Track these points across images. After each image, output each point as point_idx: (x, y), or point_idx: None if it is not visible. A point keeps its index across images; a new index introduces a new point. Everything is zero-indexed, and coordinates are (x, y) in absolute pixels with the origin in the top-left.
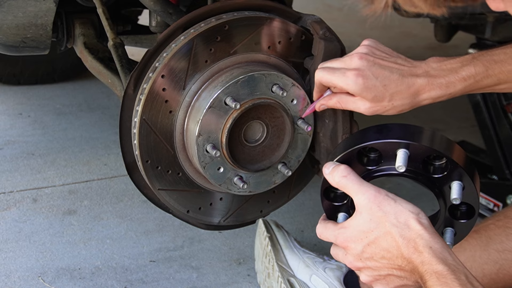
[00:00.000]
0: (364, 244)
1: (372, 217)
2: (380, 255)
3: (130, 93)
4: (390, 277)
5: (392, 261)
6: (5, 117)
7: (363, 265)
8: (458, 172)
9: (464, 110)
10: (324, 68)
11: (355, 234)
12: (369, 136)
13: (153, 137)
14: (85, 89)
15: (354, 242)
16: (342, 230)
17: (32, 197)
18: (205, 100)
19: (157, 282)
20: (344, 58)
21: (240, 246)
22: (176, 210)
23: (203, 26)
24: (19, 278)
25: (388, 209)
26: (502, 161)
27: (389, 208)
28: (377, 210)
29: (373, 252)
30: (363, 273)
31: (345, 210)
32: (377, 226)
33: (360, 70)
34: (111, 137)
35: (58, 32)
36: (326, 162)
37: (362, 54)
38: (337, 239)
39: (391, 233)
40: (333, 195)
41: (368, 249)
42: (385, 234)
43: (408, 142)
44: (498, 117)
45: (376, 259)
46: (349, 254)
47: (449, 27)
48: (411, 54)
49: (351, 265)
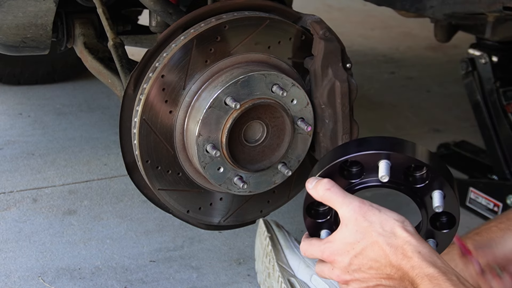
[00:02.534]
0: (351, 256)
1: (358, 228)
2: (368, 265)
3: (130, 93)
4: (378, 287)
5: (380, 271)
6: (5, 117)
7: (351, 278)
8: (438, 182)
9: (464, 110)
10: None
11: (342, 246)
12: (350, 150)
13: (153, 137)
14: (85, 89)
15: (341, 255)
16: (328, 244)
17: (32, 197)
18: (205, 100)
19: (157, 282)
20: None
21: (240, 246)
22: (176, 210)
23: (203, 26)
24: (19, 278)
25: (373, 219)
26: (502, 161)
27: (374, 218)
28: (362, 221)
29: (360, 263)
30: (351, 286)
31: (327, 227)
32: (364, 237)
33: None
34: (111, 137)
35: (58, 32)
36: (308, 178)
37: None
38: (323, 254)
39: (378, 242)
40: (315, 212)
41: (355, 261)
42: (372, 244)
43: (389, 153)
44: (498, 117)
45: (364, 270)
46: (336, 268)
47: (449, 27)
48: (411, 54)
49: (339, 278)
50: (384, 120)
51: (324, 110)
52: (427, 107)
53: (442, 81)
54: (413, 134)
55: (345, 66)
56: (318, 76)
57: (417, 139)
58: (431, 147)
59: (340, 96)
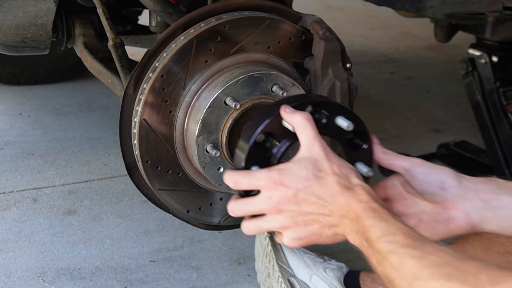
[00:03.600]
0: (300, 187)
1: (316, 164)
2: (312, 200)
3: (130, 93)
4: (312, 223)
5: (323, 208)
6: (5, 117)
7: (289, 208)
8: (335, 110)
9: (464, 110)
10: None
11: (293, 176)
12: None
13: (153, 137)
14: (85, 89)
15: (289, 183)
16: (278, 171)
17: (32, 197)
18: (205, 100)
19: (157, 282)
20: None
21: (240, 246)
22: (176, 210)
23: (203, 26)
24: (19, 278)
25: (334, 160)
26: (502, 161)
27: (335, 160)
28: (323, 159)
29: (306, 196)
30: (283, 215)
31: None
32: (319, 173)
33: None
34: (111, 137)
35: (58, 32)
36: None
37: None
38: (269, 180)
39: (331, 181)
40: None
41: (301, 193)
42: (325, 181)
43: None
44: (498, 117)
45: (307, 203)
46: (276, 196)
47: (449, 27)
48: (411, 54)
49: (273, 206)
50: (384, 120)
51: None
52: (427, 107)
53: (442, 81)
54: (413, 134)
55: (345, 66)
56: (318, 76)
57: (417, 139)
58: (431, 147)
59: (340, 96)
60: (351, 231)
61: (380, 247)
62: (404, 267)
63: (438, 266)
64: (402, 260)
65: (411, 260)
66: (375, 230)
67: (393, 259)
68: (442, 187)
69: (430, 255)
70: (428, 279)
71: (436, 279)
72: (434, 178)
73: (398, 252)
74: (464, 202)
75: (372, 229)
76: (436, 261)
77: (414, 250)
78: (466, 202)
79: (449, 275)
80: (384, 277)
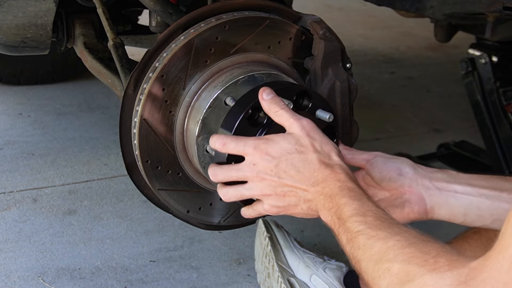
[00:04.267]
0: (282, 158)
1: (298, 139)
2: (292, 173)
3: (130, 93)
4: (290, 195)
5: (301, 182)
6: (5, 117)
7: (270, 178)
8: (316, 100)
9: (464, 110)
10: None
11: (277, 147)
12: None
13: (153, 137)
14: (85, 89)
15: (272, 153)
16: (264, 140)
17: (32, 197)
18: (205, 100)
19: (157, 282)
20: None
21: (240, 246)
22: (176, 210)
23: (203, 26)
24: (19, 278)
25: (316, 137)
26: (502, 161)
27: (317, 136)
28: (305, 136)
29: (287, 167)
30: (263, 183)
31: None
32: (301, 148)
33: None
34: (111, 137)
35: (58, 32)
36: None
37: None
38: (255, 146)
39: (312, 157)
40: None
41: (282, 164)
42: (306, 156)
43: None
44: (498, 117)
45: (287, 175)
46: (260, 164)
47: (449, 27)
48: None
49: (256, 173)
50: (384, 120)
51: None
52: (427, 107)
53: (442, 81)
54: (413, 134)
55: (345, 66)
56: (318, 76)
57: (417, 139)
58: (431, 147)
59: (340, 96)
60: (324, 208)
61: (350, 226)
62: (371, 249)
63: (402, 247)
64: (369, 242)
65: (377, 242)
66: (348, 209)
67: (361, 240)
68: (399, 173)
69: (396, 236)
70: (392, 261)
71: (399, 261)
72: (392, 165)
73: (366, 234)
74: (419, 187)
75: (345, 207)
76: (401, 242)
77: (381, 231)
78: (421, 187)
79: (411, 256)
80: (352, 257)
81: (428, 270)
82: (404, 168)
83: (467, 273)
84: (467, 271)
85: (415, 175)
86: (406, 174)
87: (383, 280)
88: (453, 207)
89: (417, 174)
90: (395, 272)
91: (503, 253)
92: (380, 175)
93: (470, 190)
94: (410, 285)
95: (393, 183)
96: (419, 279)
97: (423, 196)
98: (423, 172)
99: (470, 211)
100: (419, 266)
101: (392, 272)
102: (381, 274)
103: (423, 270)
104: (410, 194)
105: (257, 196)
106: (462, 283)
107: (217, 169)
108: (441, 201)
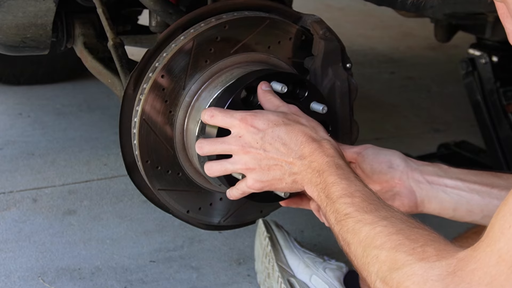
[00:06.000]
0: (269, 129)
1: (285, 115)
2: (278, 144)
3: (130, 93)
4: (275, 168)
5: (286, 155)
6: (5, 117)
7: (254, 148)
8: (311, 92)
9: (464, 110)
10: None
11: (263, 118)
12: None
13: (153, 137)
14: (85, 89)
15: (258, 124)
16: (252, 112)
17: (32, 197)
18: (205, 100)
19: (157, 282)
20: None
21: (240, 246)
22: (176, 210)
23: (203, 26)
24: (19, 278)
25: (302, 115)
26: (502, 161)
27: (303, 115)
28: (291, 114)
29: (272, 139)
30: (249, 156)
31: None
32: (288, 121)
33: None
34: (111, 137)
35: (58, 32)
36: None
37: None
38: (242, 117)
39: (300, 130)
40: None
41: (268, 135)
42: (293, 128)
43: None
44: (498, 117)
45: (272, 147)
46: (246, 135)
47: (449, 27)
48: (411, 54)
49: (241, 146)
50: (384, 120)
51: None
52: (427, 107)
53: (442, 81)
54: (413, 134)
55: (345, 66)
56: (318, 76)
57: (417, 139)
58: (431, 147)
59: (340, 96)
60: (311, 183)
61: (339, 208)
62: (359, 234)
63: (389, 234)
64: (357, 226)
65: (364, 227)
66: (336, 188)
67: (350, 224)
68: (390, 166)
69: (383, 221)
70: (379, 248)
71: (387, 248)
72: (383, 157)
73: (354, 217)
74: (409, 180)
75: (334, 186)
76: (388, 228)
77: (368, 215)
78: (411, 181)
79: (399, 244)
80: (341, 238)
81: (417, 259)
82: (395, 160)
83: (456, 263)
84: (456, 262)
85: (406, 168)
86: (397, 167)
87: (372, 266)
88: (443, 201)
89: (407, 167)
90: (383, 259)
91: (491, 247)
92: (371, 168)
93: (461, 185)
94: (399, 273)
95: (384, 175)
96: (407, 267)
97: (413, 190)
98: (414, 165)
99: (460, 206)
100: (407, 255)
101: (380, 259)
102: (369, 260)
103: (412, 259)
104: (401, 187)
105: (240, 170)
106: (450, 274)
107: (203, 142)
108: (431, 195)
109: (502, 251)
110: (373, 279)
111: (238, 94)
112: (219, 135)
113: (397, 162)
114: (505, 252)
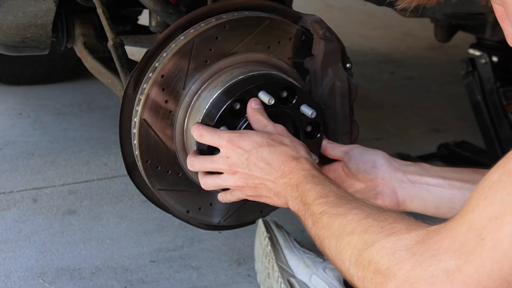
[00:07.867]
0: (253, 151)
1: (269, 136)
2: (262, 164)
3: (130, 93)
4: (260, 187)
5: (269, 174)
6: (5, 117)
7: (241, 170)
8: (301, 96)
9: (464, 110)
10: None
11: (249, 140)
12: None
13: (153, 137)
14: (85, 89)
15: (244, 146)
16: (238, 134)
17: (32, 197)
18: (205, 100)
19: (157, 282)
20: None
21: (240, 246)
22: (176, 210)
23: (203, 26)
24: (19, 278)
25: (286, 136)
26: None
27: (288, 136)
28: (276, 134)
29: (257, 160)
30: (237, 176)
31: None
32: (271, 142)
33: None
34: (111, 137)
35: (58, 32)
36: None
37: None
38: (229, 139)
39: (282, 150)
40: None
41: (253, 157)
42: (275, 149)
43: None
44: (498, 117)
45: (257, 167)
46: (233, 157)
47: (449, 27)
48: (411, 54)
49: (228, 166)
50: (384, 120)
51: (324, 110)
52: (427, 107)
53: (442, 81)
54: (413, 134)
55: (345, 66)
56: (318, 76)
57: (417, 139)
58: (431, 147)
59: (340, 96)
60: (291, 198)
61: (315, 209)
62: (332, 226)
63: (359, 219)
64: (331, 219)
65: (337, 219)
66: (311, 193)
67: (325, 220)
68: (374, 165)
69: (354, 210)
70: (351, 234)
71: (357, 233)
72: (368, 157)
73: (328, 213)
74: (392, 180)
75: (309, 192)
76: (358, 215)
77: (341, 207)
78: (393, 180)
79: (368, 226)
80: (316, 237)
81: (385, 235)
82: (379, 160)
83: (426, 233)
84: (426, 232)
85: (389, 168)
86: (380, 166)
87: (344, 254)
88: (425, 199)
89: (391, 167)
90: (354, 243)
91: (464, 217)
92: (356, 167)
93: (442, 183)
94: (368, 251)
95: (368, 175)
96: (376, 244)
97: (395, 189)
98: (397, 165)
99: (442, 203)
100: (376, 234)
101: (352, 244)
102: (342, 249)
103: (380, 236)
104: (383, 187)
105: (230, 187)
106: (419, 242)
107: (194, 160)
108: (413, 193)
109: (474, 221)
110: (346, 267)
111: (225, 109)
112: (209, 149)
113: (381, 162)
114: (476, 221)
